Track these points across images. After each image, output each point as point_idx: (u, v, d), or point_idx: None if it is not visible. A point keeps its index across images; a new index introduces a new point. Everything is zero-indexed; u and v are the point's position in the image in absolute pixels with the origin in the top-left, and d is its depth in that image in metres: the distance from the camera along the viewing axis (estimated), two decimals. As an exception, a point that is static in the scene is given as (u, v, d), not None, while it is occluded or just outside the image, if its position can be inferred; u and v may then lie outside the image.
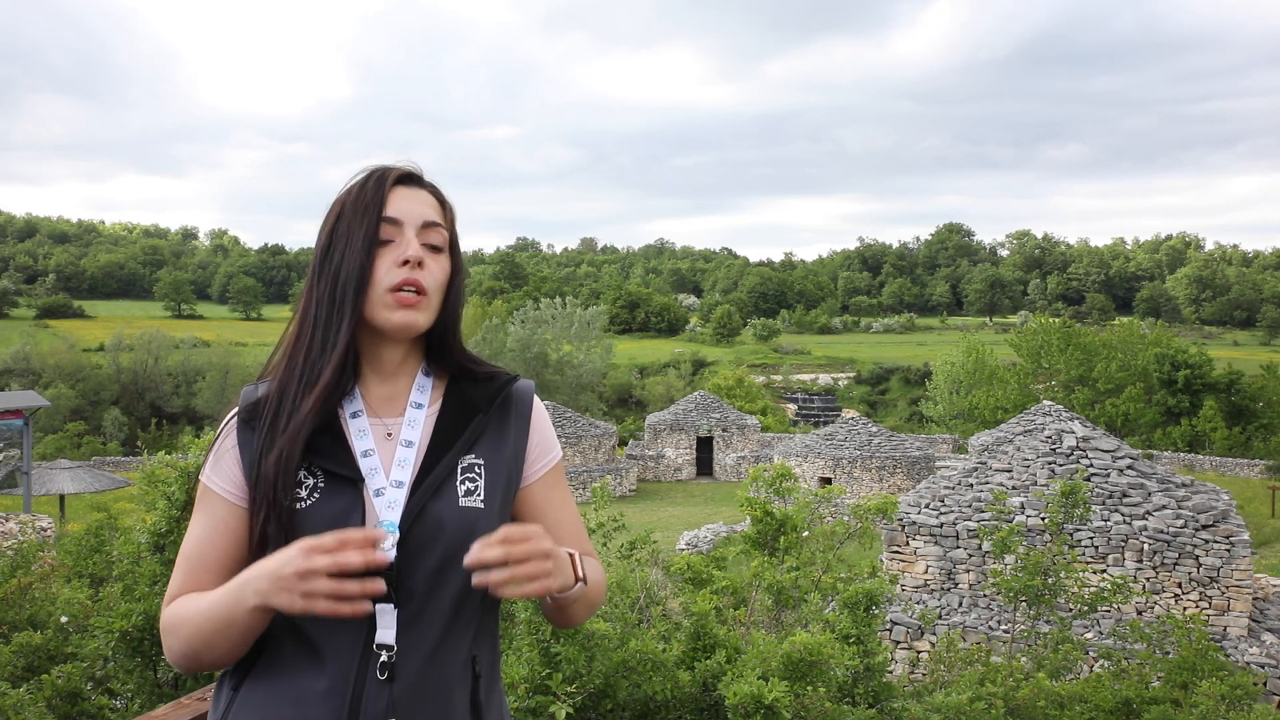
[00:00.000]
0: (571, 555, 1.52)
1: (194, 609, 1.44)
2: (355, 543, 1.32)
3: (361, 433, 1.53)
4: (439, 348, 1.61)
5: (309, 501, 1.47)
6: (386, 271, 1.50)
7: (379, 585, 1.33)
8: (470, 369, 1.63)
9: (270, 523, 1.45)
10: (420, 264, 1.50)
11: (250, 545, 1.49)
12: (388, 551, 1.44)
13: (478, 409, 1.59)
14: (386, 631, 1.44)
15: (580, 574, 1.51)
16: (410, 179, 1.58)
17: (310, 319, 1.53)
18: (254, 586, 1.35)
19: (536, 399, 1.68)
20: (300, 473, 1.48)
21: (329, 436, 1.51)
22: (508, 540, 1.36)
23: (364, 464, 1.50)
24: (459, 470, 1.53)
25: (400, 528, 1.46)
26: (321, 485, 1.48)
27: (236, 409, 1.56)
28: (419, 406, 1.57)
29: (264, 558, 1.39)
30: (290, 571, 1.31)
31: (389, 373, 1.58)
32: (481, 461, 1.55)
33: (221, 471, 1.53)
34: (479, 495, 1.52)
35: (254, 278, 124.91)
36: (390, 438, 1.54)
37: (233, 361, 56.65)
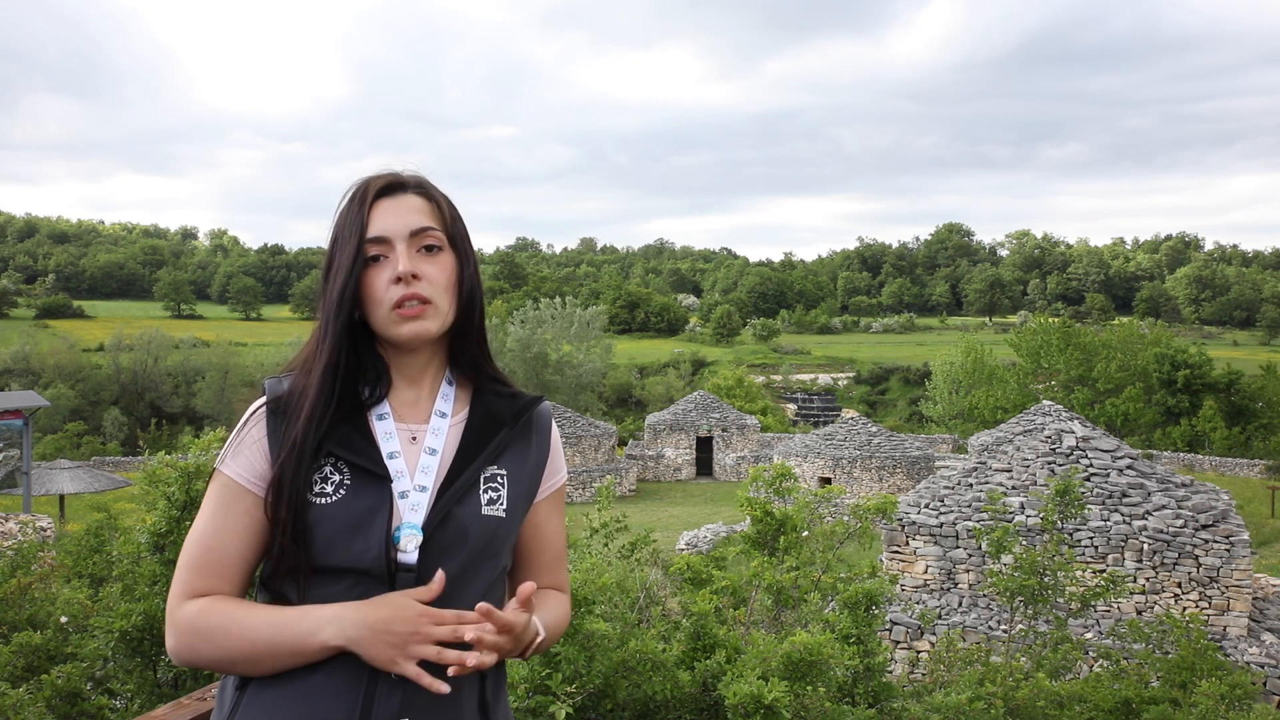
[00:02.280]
0: (536, 638, 1.56)
1: (240, 625, 1.43)
2: (471, 621, 1.39)
3: (388, 435, 1.54)
4: (460, 345, 1.63)
5: (335, 497, 1.47)
6: (385, 290, 1.51)
7: (471, 658, 1.39)
8: (493, 383, 1.66)
9: (289, 515, 1.45)
10: (415, 276, 1.51)
11: (284, 539, 1.48)
12: (410, 554, 1.46)
13: (503, 423, 1.61)
14: None
15: (527, 656, 1.57)
16: (393, 188, 1.57)
17: (315, 336, 1.56)
18: (340, 629, 1.38)
19: (554, 421, 1.73)
20: (327, 468, 1.49)
21: (359, 435, 1.52)
22: (503, 630, 1.43)
23: (390, 466, 1.51)
24: (483, 480, 1.55)
25: (424, 530, 1.48)
26: (348, 482, 1.49)
27: (264, 399, 1.55)
28: (443, 415, 1.59)
29: (354, 601, 1.43)
30: (404, 630, 1.37)
31: (413, 378, 1.60)
32: (505, 473, 1.58)
33: (244, 462, 1.52)
34: (501, 505, 1.55)
35: (253, 278, 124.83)
36: (415, 442, 1.56)
37: (232, 361, 56.66)
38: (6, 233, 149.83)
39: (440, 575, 1.43)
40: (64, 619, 4.92)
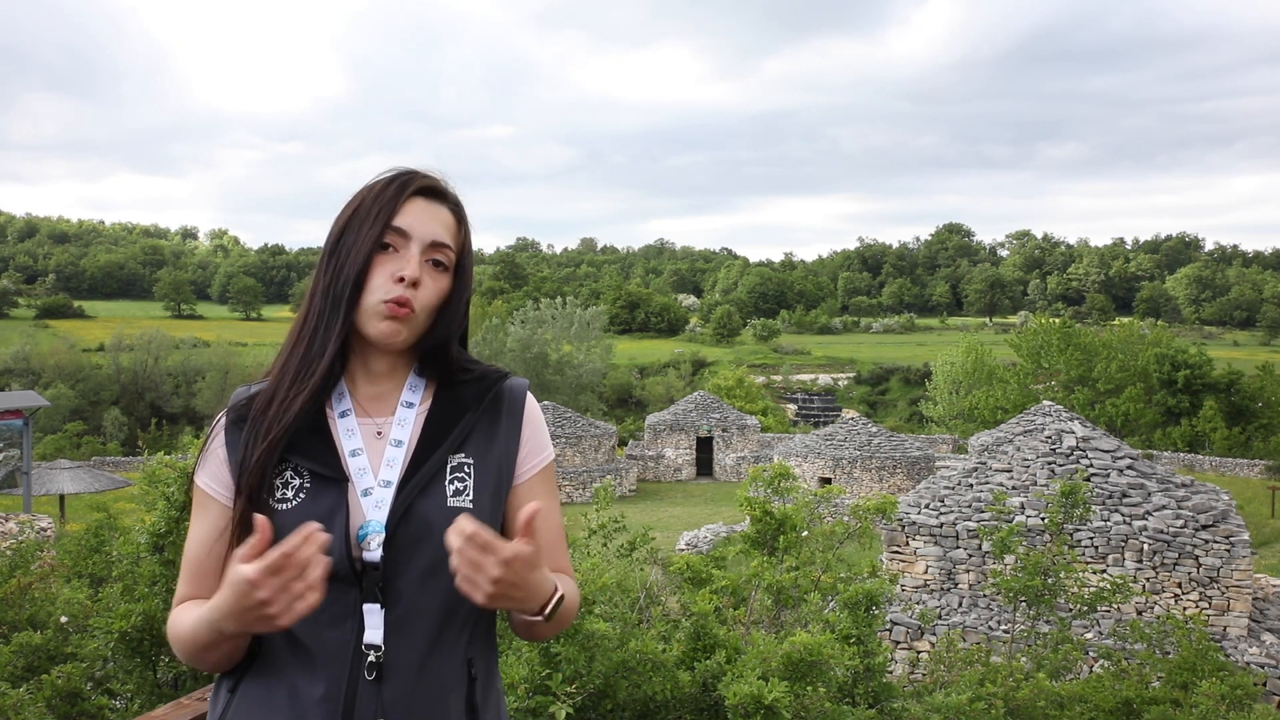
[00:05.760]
0: (556, 592, 1.45)
1: (185, 624, 1.45)
2: (299, 552, 1.27)
3: (350, 432, 1.51)
4: (433, 359, 1.58)
5: (294, 502, 1.46)
6: (382, 283, 1.48)
7: (321, 563, 1.29)
8: (462, 370, 1.59)
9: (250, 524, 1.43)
10: (416, 284, 1.48)
11: (234, 545, 1.46)
12: (374, 552, 1.43)
13: (467, 407, 1.56)
14: (374, 632, 1.43)
15: (546, 612, 1.44)
16: (433, 192, 1.55)
17: (313, 310, 1.52)
18: (226, 624, 1.34)
19: (530, 397, 1.64)
20: (287, 473, 1.47)
21: (315, 436, 1.49)
22: (473, 541, 1.30)
23: (352, 464, 1.48)
24: (448, 469, 1.50)
25: (387, 527, 1.44)
26: (307, 486, 1.47)
27: (226, 409, 1.55)
28: (410, 406, 1.55)
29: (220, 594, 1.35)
30: (248, 604, 1.28)
31: (379, 374, 1.56)
32: (471, 460, 1.53)
33: (212, 472, 1.52)
34: (467, 495, 1.50)
35: (254, 278, 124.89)
36: (380, 437, 1.52)
37: (233, 361, 56.64)
38: (7, 233, 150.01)
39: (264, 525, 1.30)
40: (64, 619, 4.91)
